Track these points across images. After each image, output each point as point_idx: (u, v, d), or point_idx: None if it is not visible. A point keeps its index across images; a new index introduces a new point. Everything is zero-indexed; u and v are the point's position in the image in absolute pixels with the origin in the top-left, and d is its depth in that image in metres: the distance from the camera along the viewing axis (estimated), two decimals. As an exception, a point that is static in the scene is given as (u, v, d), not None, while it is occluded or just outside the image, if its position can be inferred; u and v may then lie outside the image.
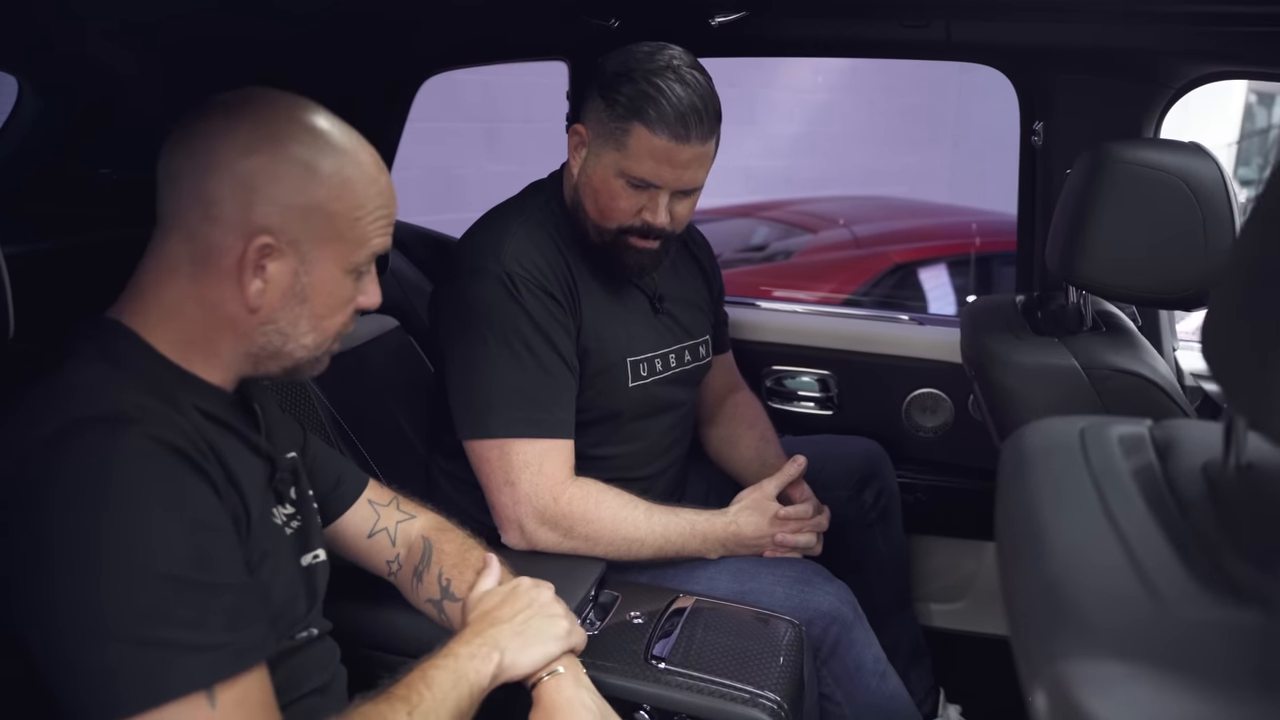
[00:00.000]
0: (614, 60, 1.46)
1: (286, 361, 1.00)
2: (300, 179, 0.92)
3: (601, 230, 1.50)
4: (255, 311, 0.94)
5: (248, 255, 0.92)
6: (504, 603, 1.12)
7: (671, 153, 1.41)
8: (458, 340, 1.48)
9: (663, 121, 1.39)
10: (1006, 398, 1.42)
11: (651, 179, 1.44)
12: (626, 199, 1.46)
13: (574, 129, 1.51)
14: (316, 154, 0.93)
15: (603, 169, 1.46)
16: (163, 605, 0.81)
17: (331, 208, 0.94)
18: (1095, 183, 1.36)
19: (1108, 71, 1.73)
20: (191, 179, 0.92)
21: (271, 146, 0.92)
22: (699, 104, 1.41)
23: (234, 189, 0.91)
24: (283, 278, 0.94)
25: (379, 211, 0.98)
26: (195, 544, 0.84)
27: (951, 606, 2.18)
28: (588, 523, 1.45)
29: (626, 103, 1.41)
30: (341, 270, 0.97)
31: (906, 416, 2.12)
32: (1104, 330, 1.52)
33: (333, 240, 0.95)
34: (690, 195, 1.50)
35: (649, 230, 1.48)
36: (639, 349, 1.59)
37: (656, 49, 1.45)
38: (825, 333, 2.17)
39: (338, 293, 0.98)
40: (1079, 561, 0.60)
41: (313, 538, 1.11)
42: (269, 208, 0.91)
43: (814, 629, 1.47)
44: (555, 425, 1.46)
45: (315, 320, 0.97)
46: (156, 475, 0.84)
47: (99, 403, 0.86)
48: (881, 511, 1.89)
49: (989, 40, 1.79)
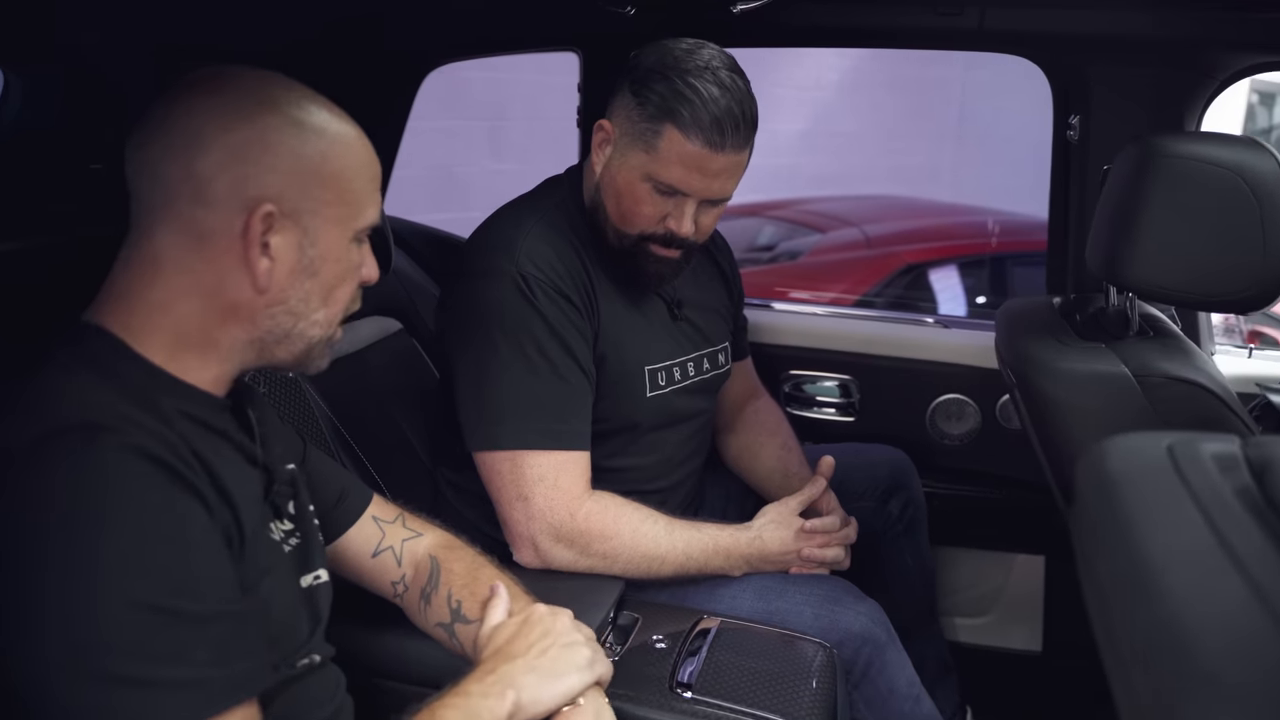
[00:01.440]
0: (649, 55, 1.37)
1: (297, 344, 0.93)
2: (292, 144, 0.88)
3: (621, 235, 1.42)
4: (264, 292, 0.88)
5: (252, 229, 0.86)
6: (517, 636, 1.03)
7: (704, 160, 1.33)
8: (468, 345, 1.40)
9: (697, 125, 1.31)
10: (1052, 407, 1.34)
11: (680, 186, 1.36)
12: (651, 204, 1.38)
13: (599, 125, 1.42)
14: (303, 117, 0.89)
15: (628, 170, 1.38)
16: (142, 638, 0.74)
17: (328, 169, 0.89)
18: (1143, 179, 1.29)
19: (1149, 62, 1.66)
20: (176, 163, 0.85)
21: (257, 115, 0.87)
22: (736, 109, 1.33)
23: (225, 164, 0.85)
24: (288, 252, 0.89)
25: (369, 172, 0.94)
26: (179, 567, 0.77)
27: (977, 621, 2.11)
28: (605, 540, 1.37)
29: (659, 102, 1.33)
30: (345, 237, 0.93)
31: (931, 423, 2.04)
32: (1151, 335, 1.44)
33: (333, 204, 0.90)
34: (718, 205, 1.42)
35: (672, 239, 1.40)
36: (657, 357, 1.51)
37: (695, 46, 1.36)
38: (846, 336, 2.09)
39: (345, 259, 0.93)
40: (1197, 597, 0.55)
41: (314, 557, 1.03)
42: (266, 177, 0.86)
43: (844, 651, 1.39)
44: (571, 436, 1.38)
45: (326, 292, 0.93)
46: (135, 490, 0.76)
47: (72, 411, 0.79)
48: (908, 523, 1.81)
49: (1023, 28, 1.72)
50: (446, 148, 4.37)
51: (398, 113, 1.80)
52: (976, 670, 1.95)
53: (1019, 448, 1.98)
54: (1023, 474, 2.00)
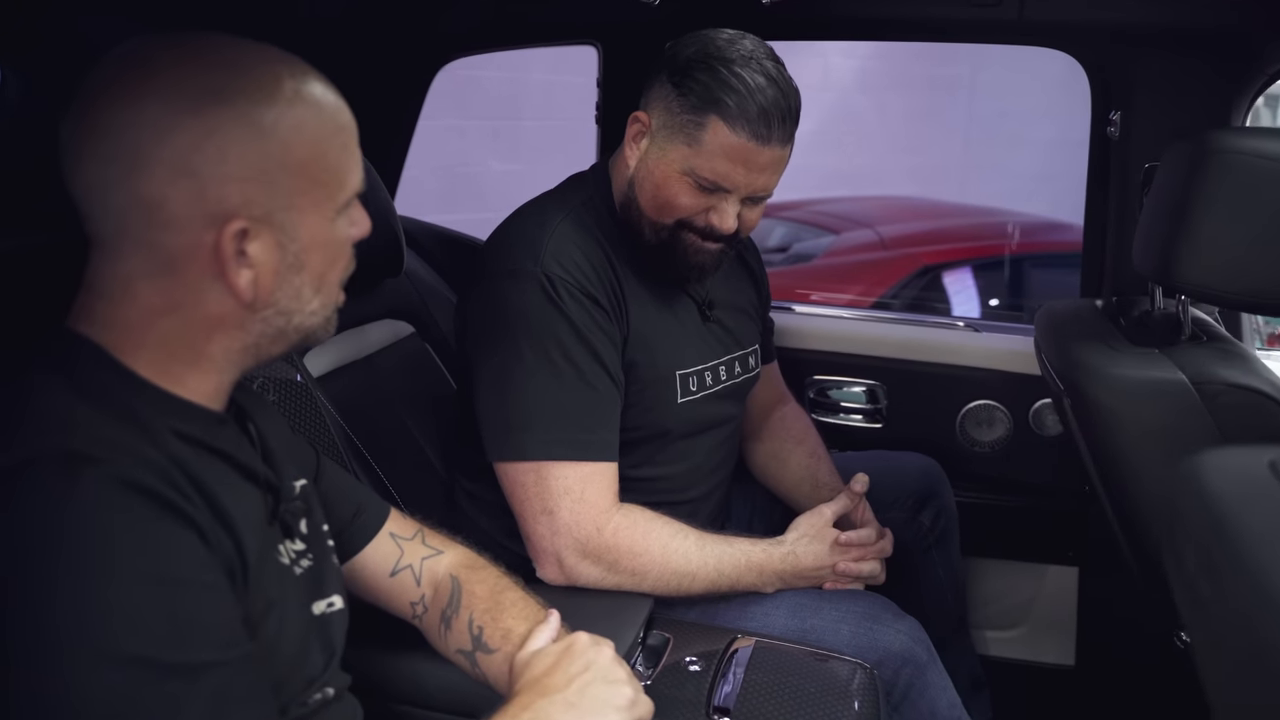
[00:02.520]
0: (689, 45, 1.31)
1: (294, 337, 0.85)
2: (246, 138, 0.76)
3: (658, 227, 1.35)
4: (250, 303, 0.80)
5: (224, 246, 0.76)
6: (556, 667, 0.95)
7: (749, 154, 1.27)
8: (489, 350, 1.33)
9: (744, 117, 1.26)
10: (1105, 415, 1.28)
11: (723, 181, 1.29)
12: (691, 199, 1.32)
13: (634, 117, 1.35)
14: (254, 99, 0.77)
15: (667, 164, 1.31)
16: (130, 696, 0.67)
17: (292, 156, 0.78)
18: (1198, 176, 1.23)
19: (1195, 54, 1.60)
20: (119, 187, 0.75)
21: (201, 112, 0.75)
22: (783, 102, 1.27)
23: (173, 181, 0.74)
24: (269, 255, 0.79)
25: (342, 137, 0.83)
26: (172, 613, 0.69)
27: (1008, 634, 2.04)
28: (634, 556, 1.31)
29: (703, 92, 1.27)
30: (327, 219, 0.83)
31: (961, 430, 1.98)
32: (1204, 339, 1.37)
33: (306, 191, 0.80)
34: (760, 202, 1.36)
35: (712, 232, 1.34)
36: (689, 361, 1.45)
37: (737, 36, 1.31)
38: (873, 339, 2.03)
39: (332, 241, 0.84)
40: None
41: (328, 581, 0.96)
42: (226, 187, 0.76)
43: (884, 671, 1.33)
44: (599, 447, 1.31)
45: (318, 281, 0.84)
46: (118, 529, 0.69)
47: (52, 437, 0.71)
48: (940, 534, 1.75)
49: (1063, 19, 1.66)
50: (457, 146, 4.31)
51: (411, 105, 1.74)
52: (1006, 685, 1.90)
53: (1052, 455, 1.93)
54: (1056, 482, 1.94)
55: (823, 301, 3.09)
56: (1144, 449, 1.26)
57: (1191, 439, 1.24)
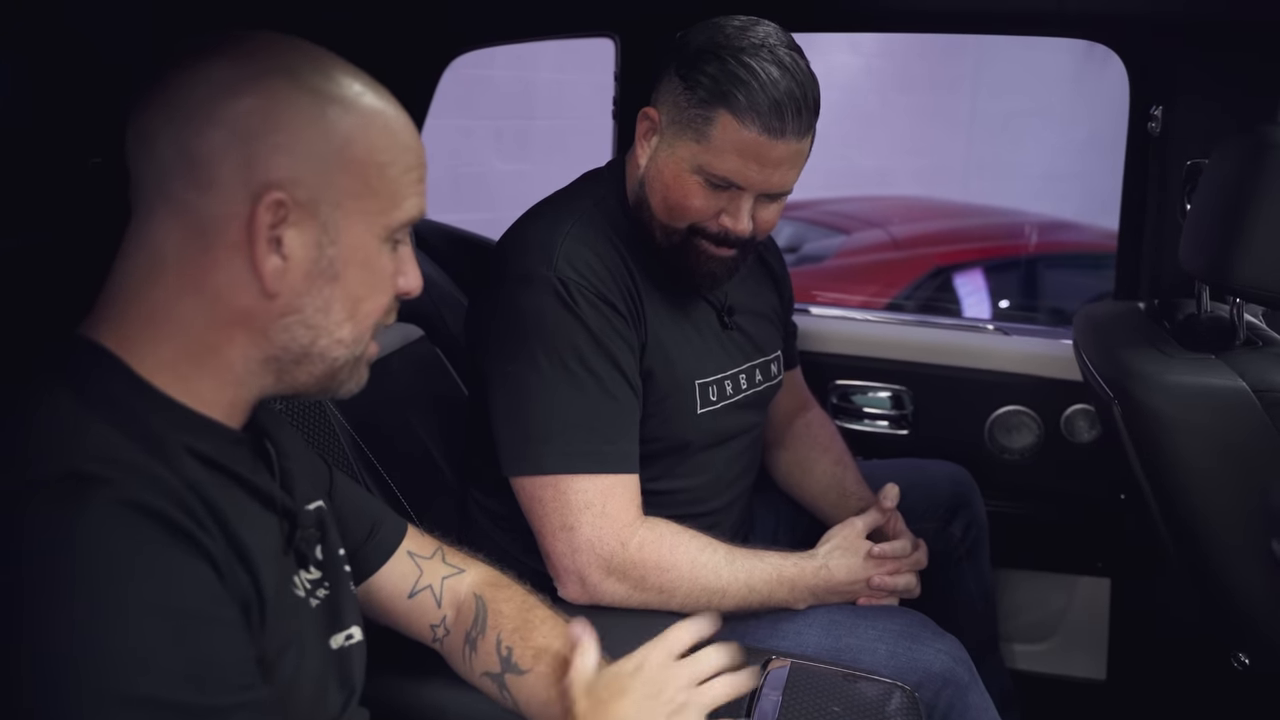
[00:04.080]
0: (697, 35, 1.25)
1: (318, 366, 0.78)
2: (309, 119, 0.73)
3: (669, 230, 1.28)
4: (274, 297, 0.74)
5: (258, 220, 0.72)
6: (624, 692, 0.86)
7: (762, 148, 1.20)
8: (503, 359, 1.27)
9: (754, 110, 1.18)
10: (1161, 423, 1.22)
11: (735, 178, 1.22)
12: (703, 199, 1.24)
13: (644, 113, 1.29)
14: (325, 86, 0.74)
15: (677, 162, 1.24)
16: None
17: (352, 152, 0.75)
18: (1254, 172, 1.19)
19: (1241, 46, 1.53)
20: (170, 138, 0.72)
21: (267, 82, 0.73)
22: (798, 92, 1.20)
23: (227, 142, 0.71)
24: (304, 250, 0.74)
25: (409, 158, 0.79)
26: (187, 651, 0.63)
27: (1038, 647, 1.99)
28: (662, 571, 1.24)
29: (711, 85, 1.20)
30: (375, 236, 0.77)
31: (990, 437, 1.91)
32: (1260, 344, 1.31)
33: (359, 195, 0.75)
34: (778, 199, 1.28)
35: (726, 237, 1.27)
36: (708, 370, 1.38)
37: (749, 24, 1.24)
38: (897, 343, 1.96)
39: (375, 264, 0.78)
40: None
41: (345, 612, 0.89)
42: (275, 158, 0.72)
43: (924, 693, 1.26)
44: (620, 458, 1.25)
45: (351, 304, 0.77)
46: (127, 558, 0.63)
47: (59, 456, 0.65)
48: (971, 545, 1.69)
49: (1104, 11, 1.60)
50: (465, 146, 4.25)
51: (420, 99, 1.68)
52: (1035, 699, 1.84)
53: (1084, 463, 1.87)
54: (1088, 491, 1.88)
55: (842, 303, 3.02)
56: (1204, 458, 1.20)
57: (1254, 448, 1.18)
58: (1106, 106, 3.00)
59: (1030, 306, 3.67)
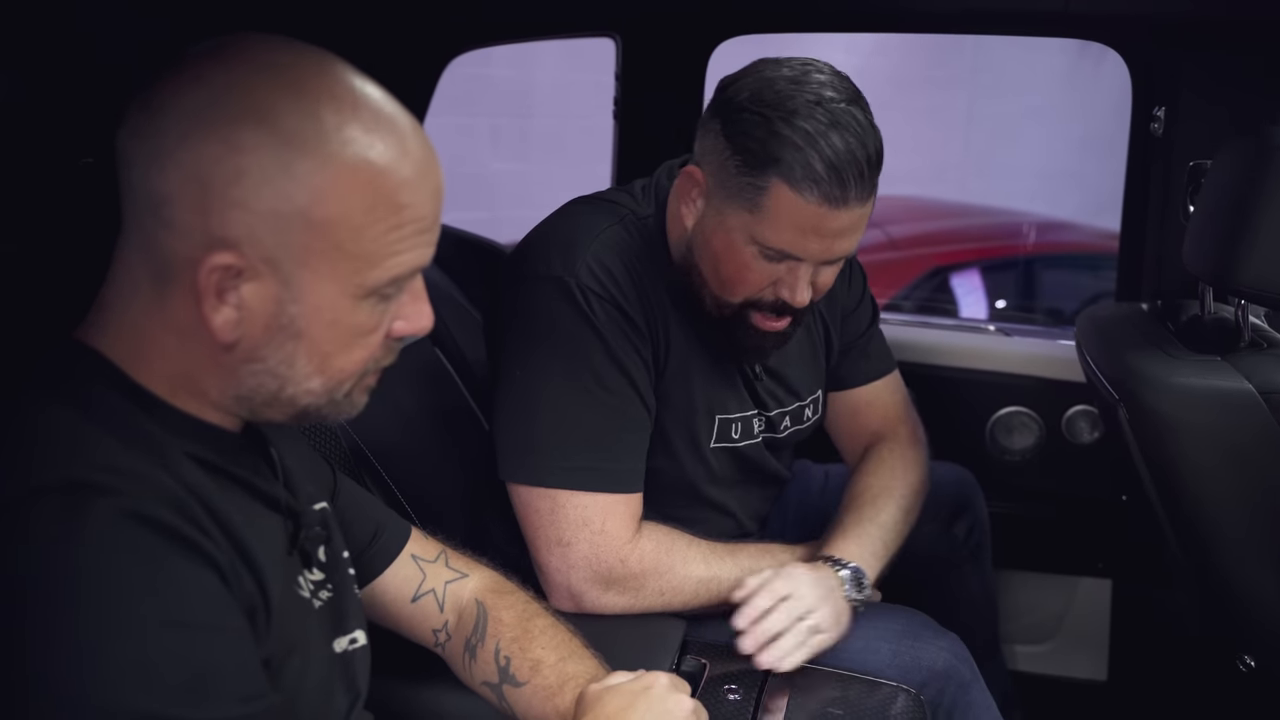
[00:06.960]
0: (743, 86, 1.14)
1: (290, 409, 0.74)
2: (272, 172, 0.66)
3: (722, 304, 1.21)
4: (230, 347, 0.70)
5: (200, 277, 0.67)
6: (627, 711, 0.86)
7: (822, 219, 1.10)
8: (513, 360, 1.24)
9: (812, 180, 1.08)
10: (1167, 425, 1.21)
11: (793, 250, 1.13)
12: (758, 271, 1.16)
13: (687, 172, 1.20)
14: (302, 131, 0.67)
15: (727, 232, 1.15)
16: None
17: (320, 212, 0.67)
18: (1259, 173, 1.18)
19: (1245, 47, 1.53)
20: (141, 169, 0.68)
21: (237, 128, 0.66)
22: (860, 153, 1.09)
23: (186, 186, 0.67)
24: (262, 305, 0.69)
25: (403, 215, 0.70)
26: (189, 663, 0.62)
27: (1038, 648, 1.99)
28: (660, 575, 1.23)
29: (762, 152, 1.09)
30: (349, 295, 0.70)
31: (990, 438, 1.91)
32: (1265, 346, 1.31)
33: (327, 256, 0.69)
34: (837, 263, 1.20)
35: (783, 307, 1.19)
36: (731, 408, 1.33)
37: (801, 73, 1.12)
38: (898, 344, 1.95)
39: (346, 323, 0.71)
40: None
41: (349, 615, 0.88)
42: (231, 213, 0.66)
43: (928, 693, 1.25)
44: (625, 477, 1.21)
45: (319, 359, 0.72)
46: (128, 568, 0.62)
47: (58, 465, 0.64)
48: (974, 547, 1.68)
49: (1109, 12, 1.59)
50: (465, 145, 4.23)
51: (420, 98, 1.67)
52: (1036, 700, 1.84)
53: (1085, 464, 1.87)
54: (1089, 492, 1.88)
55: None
56: (1210, 460, 1.20)
57: (1260, 450, 1.18)
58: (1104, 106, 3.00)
59: (1028, 307, 3.67)
